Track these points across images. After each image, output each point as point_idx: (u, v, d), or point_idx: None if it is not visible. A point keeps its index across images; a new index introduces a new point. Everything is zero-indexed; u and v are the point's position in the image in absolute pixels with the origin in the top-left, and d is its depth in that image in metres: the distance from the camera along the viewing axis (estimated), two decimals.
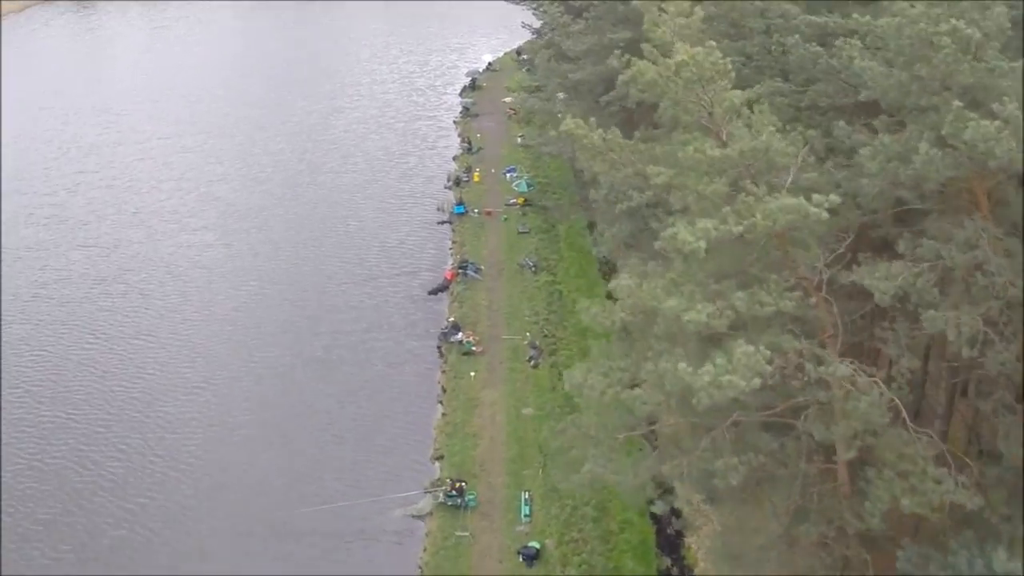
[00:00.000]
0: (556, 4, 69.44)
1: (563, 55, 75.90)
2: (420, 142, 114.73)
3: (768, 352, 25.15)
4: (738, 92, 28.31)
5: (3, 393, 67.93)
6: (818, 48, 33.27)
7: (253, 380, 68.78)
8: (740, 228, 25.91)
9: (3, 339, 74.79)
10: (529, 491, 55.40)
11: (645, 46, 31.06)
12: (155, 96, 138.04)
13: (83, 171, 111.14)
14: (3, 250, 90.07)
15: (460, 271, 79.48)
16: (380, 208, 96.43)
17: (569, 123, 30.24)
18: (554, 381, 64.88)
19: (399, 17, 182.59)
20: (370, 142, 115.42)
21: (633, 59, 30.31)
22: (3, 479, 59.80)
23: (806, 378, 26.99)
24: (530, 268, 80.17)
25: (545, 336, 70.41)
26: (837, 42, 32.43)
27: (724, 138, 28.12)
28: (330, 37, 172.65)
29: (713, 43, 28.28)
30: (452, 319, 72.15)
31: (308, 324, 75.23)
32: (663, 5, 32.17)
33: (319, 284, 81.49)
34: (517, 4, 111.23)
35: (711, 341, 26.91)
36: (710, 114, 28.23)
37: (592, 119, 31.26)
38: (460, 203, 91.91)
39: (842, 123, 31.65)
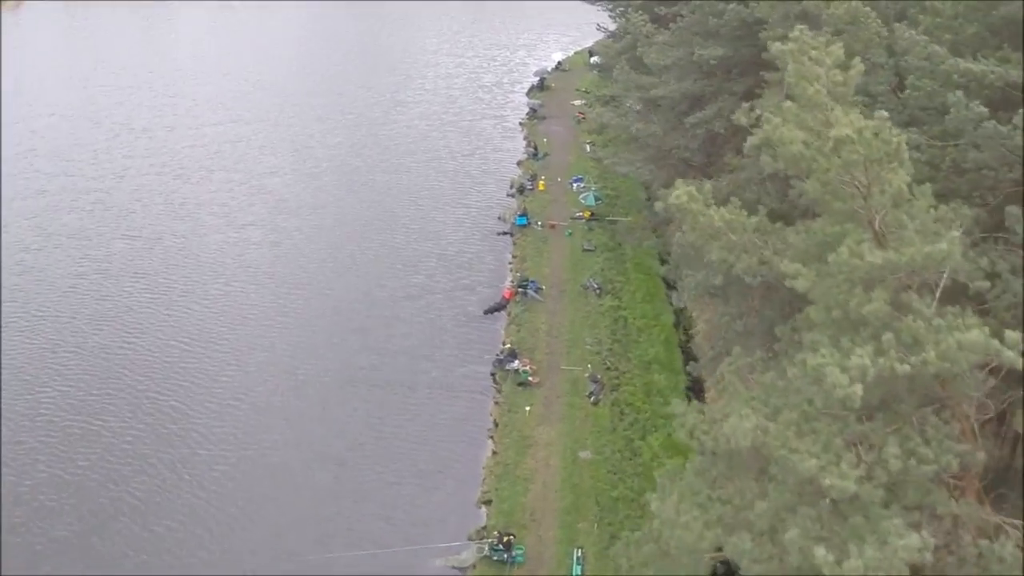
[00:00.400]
0: (638, 11, 63.88)
1: (642, 64, 70.73)
2: (484, 143, 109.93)
3: (931, 540, 19.49)
4: (904, 175, 22.59)
5: (29, 397, 63.87)
6: (982, 109, 27.31)
7: (292, 396, 64.24)
8: (907, 368, 20.25)
9: (35, 335, 70.86)
10: (582, 548, 50.21)
11: (789, 106, 25.31)
12: (214, 80, 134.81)
13: (132, 156, 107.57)
14: (46, 236, 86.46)
15: (520, 290, 74.38)
16: (438, 213, 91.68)
17: (681, 194, 24.97)
18: (615, 421, 59.88)
19: (470, 10, 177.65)
20: (432, 140, 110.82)
21: (766, 115, 24.74)
22: (21, 492, 55.65)
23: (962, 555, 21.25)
24: (594, 291, 74.95)
25: (607, 368, 65.20)
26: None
27: (881, 231, 22.50)
28: (398, 27, 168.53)
29: (885, 113, 22.69)
30: (508, 344, 66.91)
31: (355, 338, 70.54)
32: (810, 51, 26.26)
33: (369, 294, 76.78)
34: (593, 4, 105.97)
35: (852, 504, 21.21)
36: (865, 199, 22.64)
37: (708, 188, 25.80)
38: (523, 214, 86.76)
39: (1014, 209, 25.79)
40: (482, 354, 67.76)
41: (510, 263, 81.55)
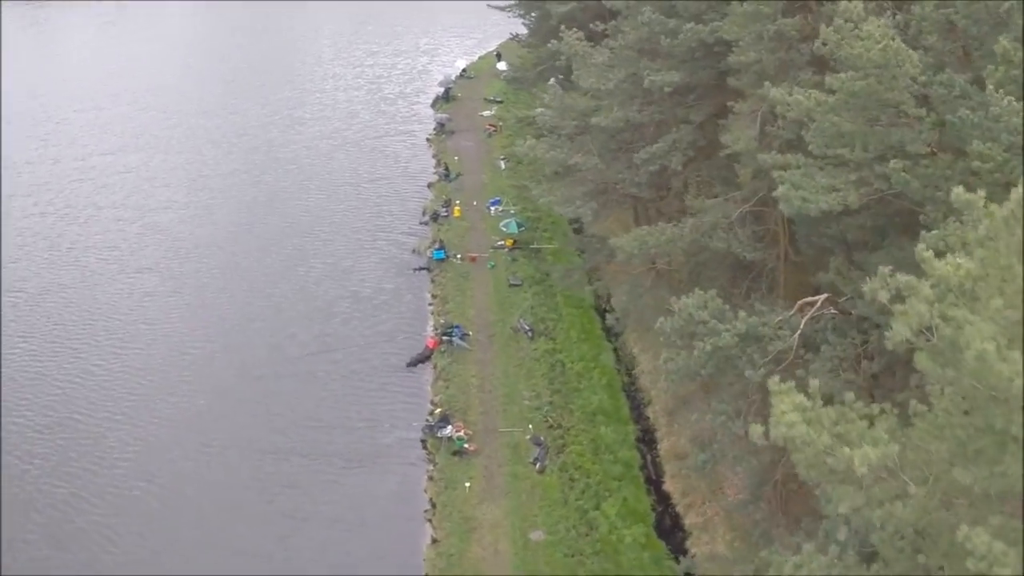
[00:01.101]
0: (572, 28, 57.63)
1: (572, 83, 65.42)
2: (392, 163, 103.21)
3: None
4: None
5: None
6: None
7: (190, 480, 57.34)
8: None
9: None
10: None
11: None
12: (99, 103, 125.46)
13: (14, 195, 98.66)
14: None
15: (444, 338, 68.27)
16: (349, 247, 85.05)
17: (788, 414, 18.54)
18: (565, 491, 54.36)
19: (363, 14, 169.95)
20: (335, 162, 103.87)
21: None
22: None
23: None
24: (526, 333, 69.26)
25: (550, 426, 59.60)
26: None
27: None
28: (290, 35, 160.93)
29: None
30: (439, 407, 60.79)
31: (268, 402, 63.87)
32: None
33: (279, 348, 70.04)
34: (504, 12, 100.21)
35: None
36: None
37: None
38: (440, 247, 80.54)
39: None
40: (410, 417, 61.63)
41: (430, 304, 75.36)
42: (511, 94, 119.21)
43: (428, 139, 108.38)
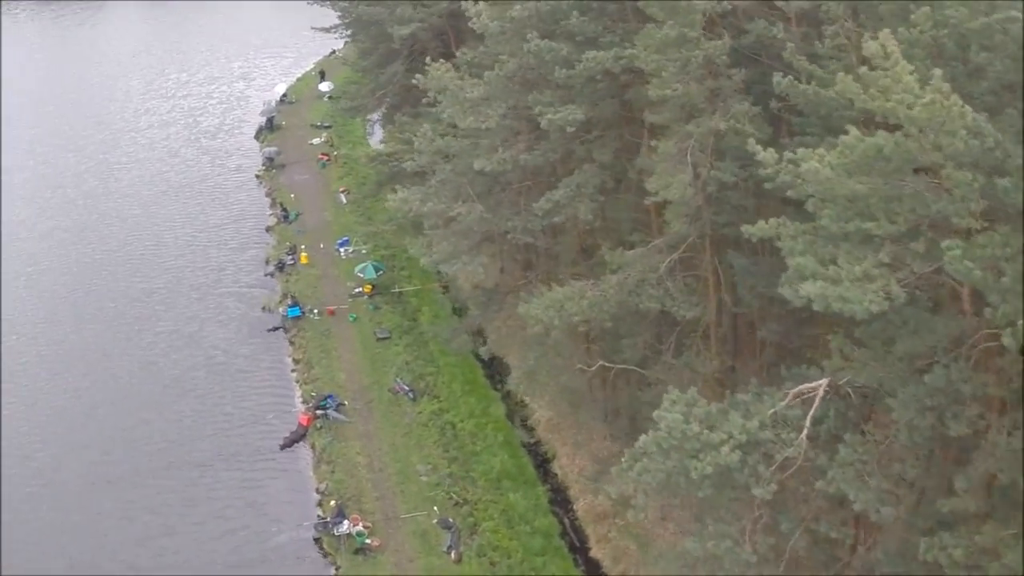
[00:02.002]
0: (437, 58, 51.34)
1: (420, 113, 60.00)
2: (223, 207, 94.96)
3: None
4: None
5: None
6: None
7: None
8: None
9: None
10: None
11: None
12: None
13: None
14: None
15: (319, 412, 61.60)
16: (191, 309, 77.10)
17: None
18: None
19: (164, 37, 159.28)
20: (162, 210, 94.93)
21: None
22: None
23: None
24: (406, 394, 63.32)
25: (455, 504, 54.04)
26: None
27: None
28: (90, 60, 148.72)
29: None
30: (333, 501, 54.22)
31: (122, 518, 55.87)
32: None
33: (130, 444, 61.97)
34: (329, 34, 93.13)
35: None
36: None
37: None
38: (294, 303, 73.48)
39: None
40: (297, 513, 54.88)
41: (294, 370, 68.43)
42: (339, 117, 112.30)
43: (258, 175, 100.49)
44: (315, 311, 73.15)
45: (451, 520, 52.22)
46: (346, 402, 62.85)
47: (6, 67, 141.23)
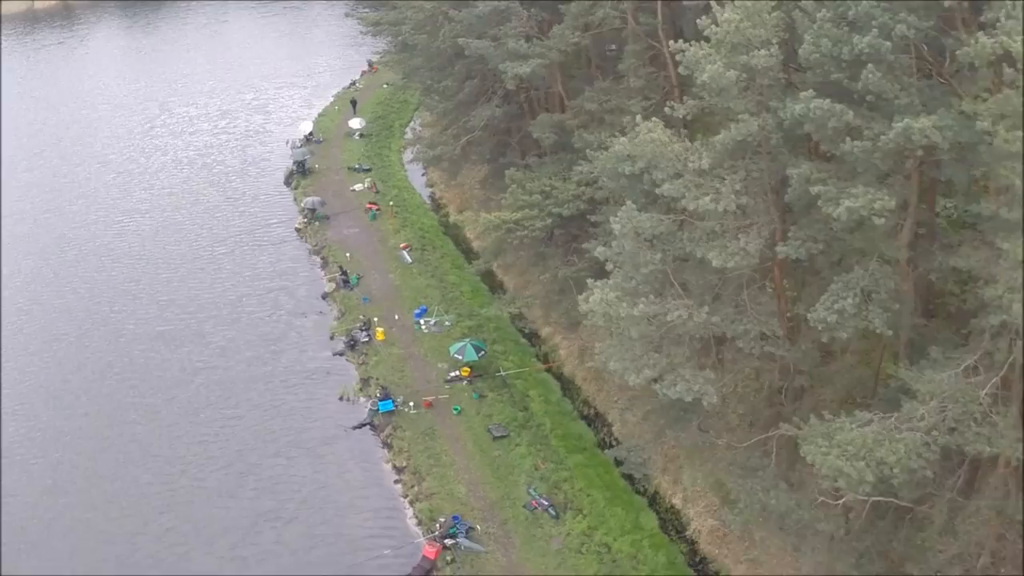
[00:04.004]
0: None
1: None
2: (269, 269, 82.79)
3: None
4: None
5: None
6: None
7: None
8: None
9: None
10: None
11: None
12: None
13: None
14: None
15: (447, 541, 50.01)
16: (248, 396, 65.48)
17: None
18: None
19: (157, 66, 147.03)
20: (196, 269, 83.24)
21: None
22: None
23: None
24: (546, 510, 52.08)
25: None
26: None
27: None
28: (82, 94, 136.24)
29: None
30: None
31: None
32: None
33: None
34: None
35: None
36: None
37: None
38: (385, 395, 61.83)
39: None
40: None
41: (397, 481, 56.90)
42: (377, 158, 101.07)
43: (298, 229, 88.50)
44: (411, 404, 61.42)
45: None
46: (477, 526, 51.42)
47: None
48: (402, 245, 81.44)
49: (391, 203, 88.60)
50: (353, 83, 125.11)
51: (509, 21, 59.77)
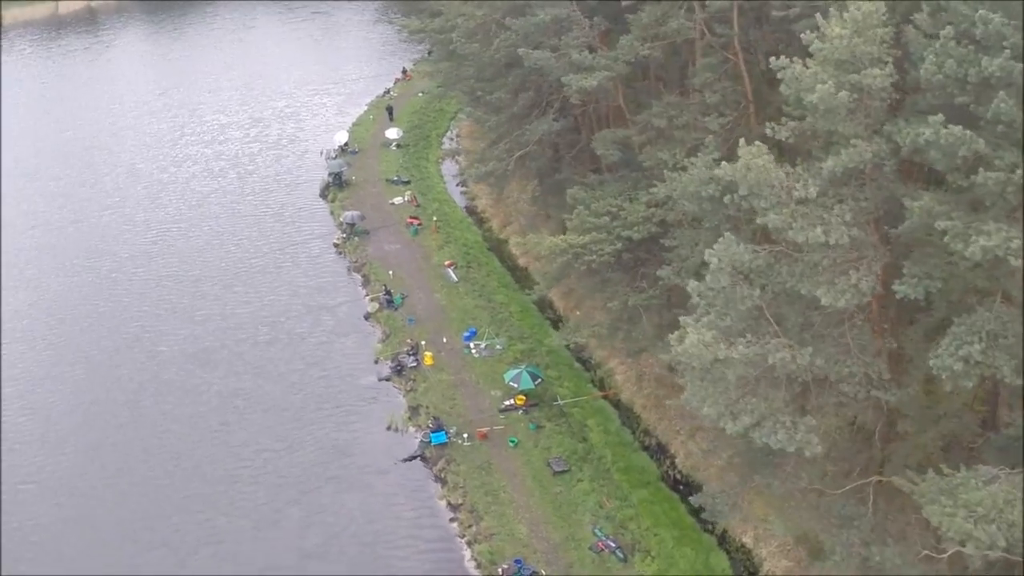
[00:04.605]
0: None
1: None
2: (310, 286, 79.72)
3: None
4: None
5: None
6: None
7: None
8: None
9: None
10: None
11: None
12: None
13: None
14: None
15: None
16: (290, 430, 62.38)
17: None
18: None
19: (186, 73, 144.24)
20: (236, 286, 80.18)
21: None
22: None
23: None
24: (614, 552, 48.69)
25: None
26: None
27: None
28: (110, 100, 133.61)
29: None
30: None
31: None
32: None
33: None
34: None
35: None
36: None
37: None
38: (438, 426, 58.58)
39: None
40: None
41: (453, 519, 53.63)
42: (416, 170, 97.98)
43: (337, 244, 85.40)
44: (464, 435, 58.19)
45: None
46: (542, 571, 48.16)
47: (17, 107, 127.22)
48: (447, 263, 78.22)
49: (435, 219, 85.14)
50: (387, 91, 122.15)
51: (570, 31, 56.56)
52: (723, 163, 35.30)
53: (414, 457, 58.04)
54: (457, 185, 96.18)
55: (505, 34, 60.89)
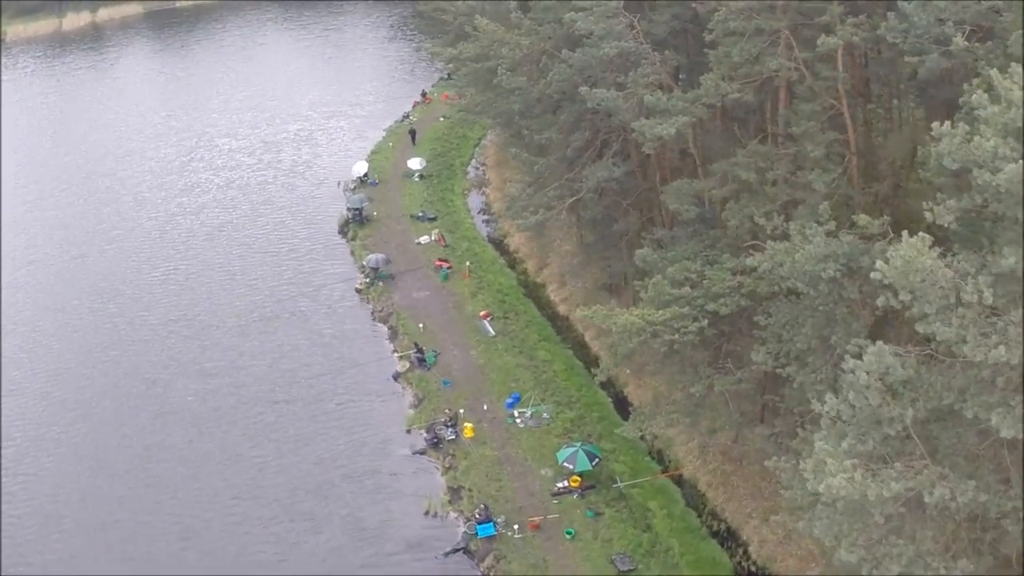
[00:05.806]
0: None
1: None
2: (333, 340, 72.27)
3: None
4: None
5: None
6: None
7: None
8: None
9: None
10: None
11: None
12: None
13: None
14: None
15: None
16: (311, 507, 55.56)
17: None
18: None
19: (192, 95, 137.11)
20: (252, 351, 72.29)
21: None
22: None
23: None
24: None
25: None
26: None
27: None
28: (114, 122, 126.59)
29: None
30: None
31: None
32: None
33: None
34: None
35: None
36: None
37: None
38: (485, 517, 51.44)
39: None
40: None
41: None
42: (441, 205, 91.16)
43: (359, 290, 78.31)
44: (515, 526, 51.06)
45: None
46: None
47: (18, 128, 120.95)
48: (482, 313, 71.15)
49: (467, 263, 78.07)
50: (406, 115, 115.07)
51: (639, 67, 49.65)
52: (878, 262, 28.35)
53: (457, 550, 50.88)
54: (484, 220, 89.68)
55: (559, 67, 54.07)
